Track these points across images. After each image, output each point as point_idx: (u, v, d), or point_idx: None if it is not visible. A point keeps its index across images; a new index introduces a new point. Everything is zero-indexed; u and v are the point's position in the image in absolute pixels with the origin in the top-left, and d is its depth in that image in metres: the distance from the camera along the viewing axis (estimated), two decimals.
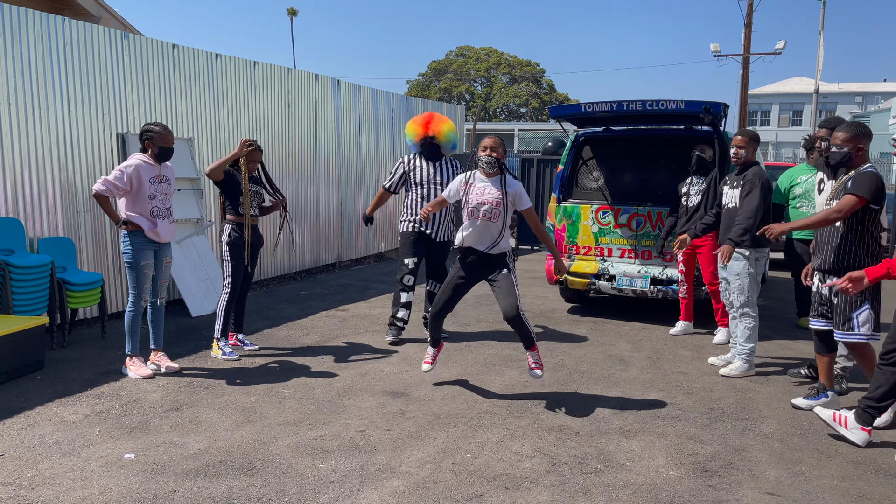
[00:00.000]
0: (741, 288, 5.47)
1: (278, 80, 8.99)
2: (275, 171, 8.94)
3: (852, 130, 4.43)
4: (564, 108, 7.35)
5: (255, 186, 5.62)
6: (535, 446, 4.00)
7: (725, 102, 6.60)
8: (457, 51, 58.29)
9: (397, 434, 4.14)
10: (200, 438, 4.02)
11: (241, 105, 8.35)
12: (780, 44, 22.60)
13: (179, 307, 7.29)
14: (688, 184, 6.66)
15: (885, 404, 4.05)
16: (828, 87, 50.48)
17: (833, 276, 4.43)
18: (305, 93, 9.53)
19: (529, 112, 53.73)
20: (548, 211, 7.66)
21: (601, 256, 7.31)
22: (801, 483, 3.62)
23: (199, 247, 7.47)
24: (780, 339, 6.70)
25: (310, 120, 9.64)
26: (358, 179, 10.84)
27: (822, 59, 25.87)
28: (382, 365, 5.56)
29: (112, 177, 4.92)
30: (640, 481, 3.59)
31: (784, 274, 10.74)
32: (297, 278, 9.55)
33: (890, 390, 3.99)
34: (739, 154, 5.61)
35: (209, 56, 7.88)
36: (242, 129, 8.35)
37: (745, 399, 4.92)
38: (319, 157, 9.88)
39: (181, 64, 7.48)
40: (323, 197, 10.02)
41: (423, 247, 6.24)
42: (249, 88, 8.49)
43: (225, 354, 5.54)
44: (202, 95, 7.78)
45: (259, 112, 8.65)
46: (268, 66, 8.80)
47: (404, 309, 6.18)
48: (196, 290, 7.23)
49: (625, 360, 5.84)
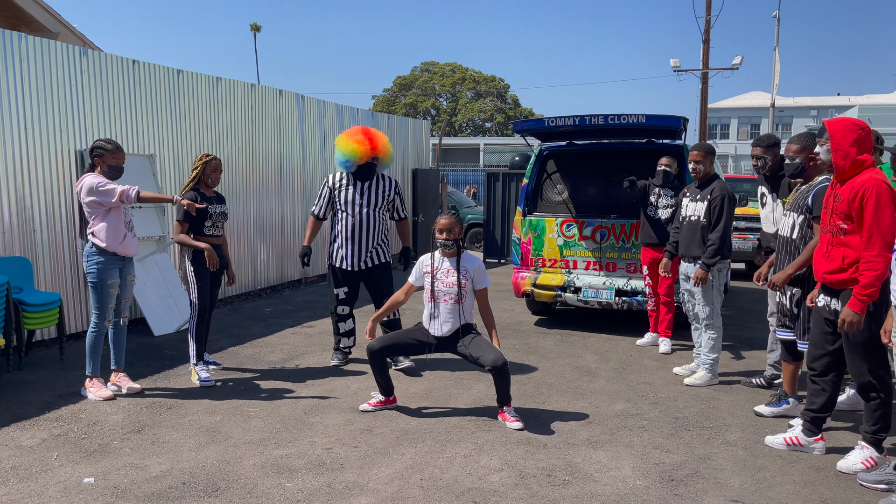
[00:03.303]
0: (706, 300, 5.56)
1: (241, 95, 8.93)
2: (238, 188, 8.87)
3: (803, 142, 4.56)
4: (528, 122, 7.42)
5: (221, 206, 5.53)
6: (503, 460, 4.00)
7: (685, 116, 6.74)
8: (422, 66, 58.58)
9: (365, 451, 4.10)
10: (163, 460, 3.93)
11: (203, 121, 8.27)
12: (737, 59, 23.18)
13: (141, 326, 7.15)
14: (655, 195, 6.74)
15: (828, 414, 4.15)
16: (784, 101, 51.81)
17: (793, 287, 4.53)
18: (269, 109, 9.48)
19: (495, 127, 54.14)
20: (513, 224, 7.71)
21: (567, 269, 7.37)
22: (765, 490, 3.68)
23: (161, 265, 7.34)
24: (742, 348, 6.82)
25: (274, 136, 9.58)
26: None
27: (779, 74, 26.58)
28: (349, 381, 5.52)
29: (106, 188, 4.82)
30: (607, 492, 3.61)
31: (745, 284, 10.96)
32: (262, 295, 9.44)
33: (830, 399, 4.09)
34: (698, 169, 5.72)
35: (171, 72, 7.80)
36: (205, 145, 8.27)
37: (709, 408, 4.99)
38: (284, 173, 9.82)
39: (142, 80, 7.39)
40: (288, 213, 9.95)
41: (353, 278, 5.89)
42: (212, 104, 8.41)
43: (202, 380, 5.36)
44: (164, 111, 7.69)
45: (222, 128, 8.58)
46: (231, 82, 8.74)
47: (346, 337, 6.01)
48: (158, 309, 7.11)
49: (591, 372, 5.88)
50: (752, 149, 5.36)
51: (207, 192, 5.47)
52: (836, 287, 3.86)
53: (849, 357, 3.88)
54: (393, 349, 4.74)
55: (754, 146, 5.33)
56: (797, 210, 4.52)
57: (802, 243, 4.48)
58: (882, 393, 3.80)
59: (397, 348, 4.76)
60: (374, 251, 5.82)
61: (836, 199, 3.81)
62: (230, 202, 8.51)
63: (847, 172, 3.78)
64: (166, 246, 7.40)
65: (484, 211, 13.71)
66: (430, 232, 4.78)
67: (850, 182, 3.75)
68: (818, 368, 4.08)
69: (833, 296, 3.91)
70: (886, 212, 3.61)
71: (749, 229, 10.91)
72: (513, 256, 7.72)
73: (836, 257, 3.82)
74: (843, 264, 3.78)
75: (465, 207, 16.78)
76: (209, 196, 5.46)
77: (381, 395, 4.84)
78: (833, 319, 3.95)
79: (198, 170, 5.40)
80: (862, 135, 3.76)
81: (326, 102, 10.83)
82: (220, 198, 5.59)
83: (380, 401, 4.83)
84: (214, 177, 5.46)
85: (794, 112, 53.73)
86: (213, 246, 5.47)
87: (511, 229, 12.67)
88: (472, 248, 15.79)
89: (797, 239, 4.50)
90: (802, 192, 4.55)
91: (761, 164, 5.28)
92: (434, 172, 13.78)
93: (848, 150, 3.74)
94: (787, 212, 4.64)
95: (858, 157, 3.74)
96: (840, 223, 3.78)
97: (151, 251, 7.20)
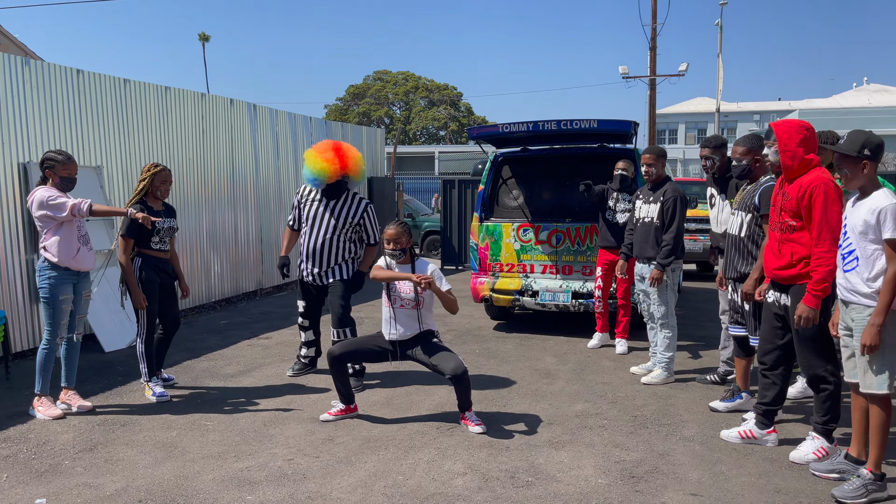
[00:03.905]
0: (660, 299, 5.66)
1: (191, 105, 8.78)
2: (190, 199, 8.70)
3: (749, 143, 4.70)
4: (483, 129, 7.48)
5: (169, 220, 5.37)
6: (466, 463, 4.00)
7: (636, 121, 6.87)
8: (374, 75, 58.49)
9: (327, 460, 4.06)
10: (117, 478, 3.82)
11: (152, 131, 8.10)
12: (682, 66, 23.75)
13: (91, 342, 6.94)
14: (613, 199, 6.83)
15: (779, 406, 4.27)
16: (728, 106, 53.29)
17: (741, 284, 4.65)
18: (221, 118, 9.34)
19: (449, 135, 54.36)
20: (471, 230, 7.74)
21: (524, 273, 7.43)
22: (722, 482, 3.76)
23: (111, 279, 7.15)
24: (696, 346, 6.97)
25: (226, 145, 9.44)
26: (278, 205, 10.66)
27: (722, 80, 27.38)
28: (309, 392, 5.45)
29: (57, 201, 4.66)
30: (570, 491, 3.64)
31: (697, 284, 11.21)
32: (216, 308, 9.27)
33: (780, 392, 4.22)
34: (650, 171, 5.84)
35: (117, 81, 7.62)
36: (154, 155, 8.10)
37: (666, 405, 5.08)
38: (237, 184, 9.68)
39: (87, 90, 7.21)
40: (242, 223, 9.80)
41: (315, 292, 5.77)
42: (161, 114, 8.25)
43: (156, 395, 5.21)
44: (111, 122, 7.51)
45: (172, 138, 8.42)
46: (180, 91, 8.59)
47: (306, 347, 5.95)
48: (109, 325, 6.91)
49: (551, 374, 5.93)
50: (701, 149, 5.50)
51: (155, 204, 5.29)
52: (786, 283, 3.98)
53: (798, 350, 4.00)
54: (354, 355, 4.70)
55: (702, 147, 5.47)
56: (745, 209, 4.66)
57: (750, 241, 4.61)
58: (831, 385, 3.93)
59: (358, 354, 4.72)
60: (335, 269, 5.60)
61: (785, 198, 3.93)
62: (181, 214, 8.34)
63: (795, 172, 3.90)
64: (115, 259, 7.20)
65: (441, 218, 13.74)
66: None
67: (797, 181, 3.88)
68: (768, 363, 4.19)
69: (782, 291, 4.03)
70: (834, 209, 3.74)
71: (699, 231, 11.17)
72: (471, 262, 7.75)
73: (785, 254, 3.94)
74: (792, 260, 3.90)
75: (422, 215, 16.80)
76: (157, 209, 5.28)
77: (342, 404, 4.79)
78: (782, 314, 4.07)
79: (145, 181, 5.22)
80: (807, 135, 3.89)
81: (279, 111, 10.73)
82: (169, 210, 5.43)
83: (340, 410, 4.79)
84: (164, 188, 5.28)
85: (739, 117, 55.32)
86: (162, 261, 5.33)
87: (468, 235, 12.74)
88: (430, 256, 15.80)
89: (745, 237, 4.63)
90: (749, 192, 4.68)
91: (710, 163, 5.42)
92: (389, 181, 13.76)
93: (795, 151, 3.87)
94: (735, 211, 4.77)
95: (805, 156, 3.87)
96: (789, 220, 3.91)
97: (100, 265, 6.99)
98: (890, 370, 3.48)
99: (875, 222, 3.43)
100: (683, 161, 53.07)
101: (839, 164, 3.58)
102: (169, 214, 5.40)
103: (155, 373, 5.37)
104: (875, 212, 3.43)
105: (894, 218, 3.38)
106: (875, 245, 3.46)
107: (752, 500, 3.54)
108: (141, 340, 5.24)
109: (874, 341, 3.41)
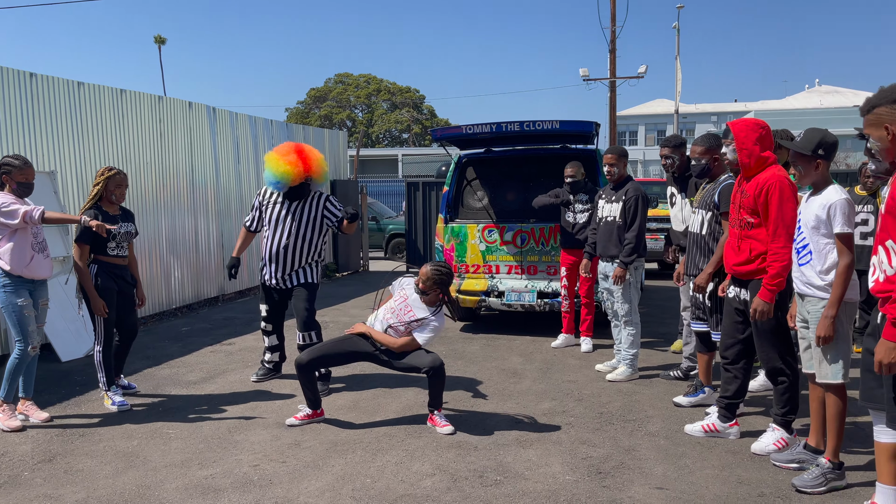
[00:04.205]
0: (624, 297, 5.73)
1: (149, 108, 8.61)
2: (149, 203, 8.54)
3: (707, 143, 4.79)
4: (447, 130, 7.49)
5: (126, 225, 5.24)
6: (434, 464, 3.99)
7: (597, 122, 6.95)
8: (335, 78, 58.16)
9: (294, 465, 4.01)
10: (77, 489, 3.72)
11: (108, 135, 7.93)
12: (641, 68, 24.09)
13: (47, 352, 6.74)
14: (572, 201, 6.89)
15: (741, 399, 4.36)
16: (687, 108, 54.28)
17: None
18: (179, 121, 9.18)
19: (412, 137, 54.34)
20: (436, 232, 7.75)
21: (490, 274, 7.45)
22: (687, 475, 3.81)
23: (66, 286, 6.97)
24: (659, 343, 7.07)
25: (185, 149, 9.29)
26: (239, 209, 10.52)
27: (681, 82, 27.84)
28: (274, 397, 5.38)
29: (10, 208, 4.50)
30: (538, 489, 3.66)
31: (659, 282, 11.38)
32: (177, 314, 9.11)
33: (742, 385, 4.30)
34: (612, 171, 5.91)
35: (71, 84, 7.44)
36: (110, 159, 7.92)
37: (631, 401, 5.14)
38: (196, 188, 9.52)
39: (40, 93, 7.02)
40: (202, 228, 9.64)
41: (278, 295, 5.68)
42: (117, 118, 8.08)
43: (115, 404, 5.08)
44: (65, 126, 7.33)
45: (129, 142, 8.24)
46: (137, 95, 8.42)
47: (270, 352, 5.87)
48: (65, 333, 6.74)
49: (517, 373, 5.96)
50: (661, 149, 5.61)
51: (111, 209, 5.16)
52: (745, 278, 4.07)
53: (758, 344, 4.09)
54: (322, 360, 4.67)
55: (662, 146, 5.58)
56: (705, 207, 4.74)
57: (711, 238, 4.69)
58: (789, 377, 4.02)
59: (327, 359, 4.68)
60: (299, 272, 5.51)
61: (743, 195, 4.02)
62: (140, 219, 8.17)
63: (752, 169, 3.99)
64: (70, 267, 7.02)
65: (405, 220, 13.71)
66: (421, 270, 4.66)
67: (755, 179, 3.96)
68: (730, 357, 4.27)
69: (742, 286, 4.12)
70: (789, 206, 3.84)
71: (660, 230, 11.34)
72: None
73: (744, 250, 4.02)
74: (751, 256, 3.99)
75: (386, 218, 16.75)
76: (113, 214, 5.16)
77: (309, 409, 4.74)
78: (742, 309, 4.15)
79: (99, 185, 5.09)
80: (763, 133, 3.99)
81: (239, 114, 10.59)
82: (126, 215, 5.31)
83: (307, 414, 4.74)
84: (119, 192, 5.15)
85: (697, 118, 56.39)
86: (119, 267, 5.22)
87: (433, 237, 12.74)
88: (395, 259, 15.77)
89: (706, 235, 4.72)
90: (708, 190, 4.77)
91: (669, 162, 5.53)
92: (353, 184, 13.69)
93: (752, 149, 3.96)
94: (696, 209, 4.85)
95: (762, 154, 3.96)
96: (747, 217, 3.99)
97: (55, 273, 6.82)
98: (844, 360, 3.59)
99: (826, 217, 3.53)
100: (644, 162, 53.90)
101: (794, 161, 3.68)
102: (126, 219, 5.28)
103: (114, 381, 5.24)
104: (826, 207, 3.53)
105: (843, 213, 3.48)
106: (827, 239, 3.56)
107: (716, 491, 3.60)
108: (99, 349, 5.12)
109: (828, 332, 3.50)
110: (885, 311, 2.86)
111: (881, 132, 2.92)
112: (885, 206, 2.93)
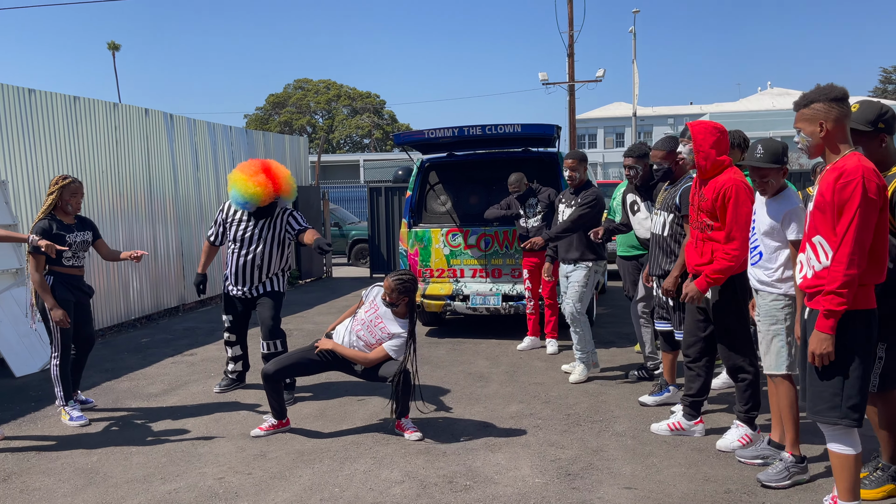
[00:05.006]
0: (577, 295, 5.76)
1: (103, 115, 8.41)
2: (105, 212, 8.33)
3: (667, 146, 4.85)
4: (409, 135, 7.46)
5: (82, 234, 5.10)
6: (403, 471, 3.96)
7: (558, 125, 7.01)
8: (295, 84, 57.66)
9: (260, 477, 3.94)
10: None
11: (61, 143, 7.72)
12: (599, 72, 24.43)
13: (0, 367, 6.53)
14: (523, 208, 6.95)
15: (704, 397, 4.43)
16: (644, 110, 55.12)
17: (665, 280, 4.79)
18: (135, 128, 8.99)
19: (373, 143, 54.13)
20: (400, 237, 7.71)
21: (454, 278, 7.45)
22: (654, 474, 3.85)
23: (19, 300, 6.76)
24: (623, 343, 7.14)
25: (141, 157, 9.09)
26: (199, 217, 10.34)
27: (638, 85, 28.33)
28: (238, 408, 5.29)
29: None
30: (508, 492, 3.66)
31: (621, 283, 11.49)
32: (136, 325, 8.90)
33: (705, 383, 4.38)
34: (573, 176, 5.95)
35: (21, 92, 7.23)
36: (64, 168, 7.71)
37: (598, 402, 5.18)
38: (154, 196, 9.32)
39: None
40: (161, 237, 9.45)
41: (242, 305, 5.57)
42: (70, 125, 7.87)
43: (73, 419, 4.93)
44: (15, 134, 7.11)
45: (83, 150, 8.04)
46: (91, 101, 8.22)
47: (233, 362, 5.76)
48: (18, 348, 6.52)
49: (484, 377, 5.96)
50: (625, 159, 5.46)
51: (66, 218, 5.01)
52: None
53: (719, 342, 4.16)
54: (289, 370, 4.59)
55: (626, 156, 5.45)
56: (666, 209, 4.80)
57: (672, 240, 4.75)
58: (749, 374, 4.10)
59: (293, 369, 4.61)
60: (266, 283, 5.44)
61: (701, 198, 4.08)
62: None
63: (709, 172, 4.06)
64: (25, 279, 6.82)
65: (368, 226, 13.63)
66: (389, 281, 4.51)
67: (712, 182, 4.04)
68: (692, 355, 4.34)
69: None
70: (744, 209, 3.92)
71: None
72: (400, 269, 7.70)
73: (706, 252, 4.09)
74: (712, 257, 4.05)
75: (349, 224, 16.63)
76: (68, 224, 5.01)
77: (274, 419, 4.67)
78: (704, 308, 4.22)
79: (54, 195, 4.94)
80: (720, 136, 4.06)
81: (197, 121, 10.41)
82: (82, 223, 5.16)
83: (272, 424, 4.66)
84: (74, 202, 5.00)
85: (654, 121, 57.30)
86: (75, 278, 5.07)
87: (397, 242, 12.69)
88: (358, 265, 15.67)
89: (668, 236, 4.78)
90: (670, 193, 4.84)
91: (633, 173, 5.40)
92: (315, 190, 13.57)
93: (708, 152, 4.02)
94: (658, 211, 4.91)
95: (718, 157, 4.03)
96: (707, 220, 4.06)
97: (8, 285, 6.61)
98: (788, 351, 3.71)
99: (779, 224, 3.62)
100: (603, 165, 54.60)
101: (763, 176, 3.66)
102: (83, 227, 5.14)
103: (71, 396, 5.09)
104: (780, 213, 3.61)
105: (799, 221, 3.56)
106: (777, 243, 3.66)
107: (683, 490, 3.64)
108: (56, 363, 4.96)
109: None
110: (815, 304, 2.95)
111: (814, 128, 2.99)
112: (813, 203, 2.99)
